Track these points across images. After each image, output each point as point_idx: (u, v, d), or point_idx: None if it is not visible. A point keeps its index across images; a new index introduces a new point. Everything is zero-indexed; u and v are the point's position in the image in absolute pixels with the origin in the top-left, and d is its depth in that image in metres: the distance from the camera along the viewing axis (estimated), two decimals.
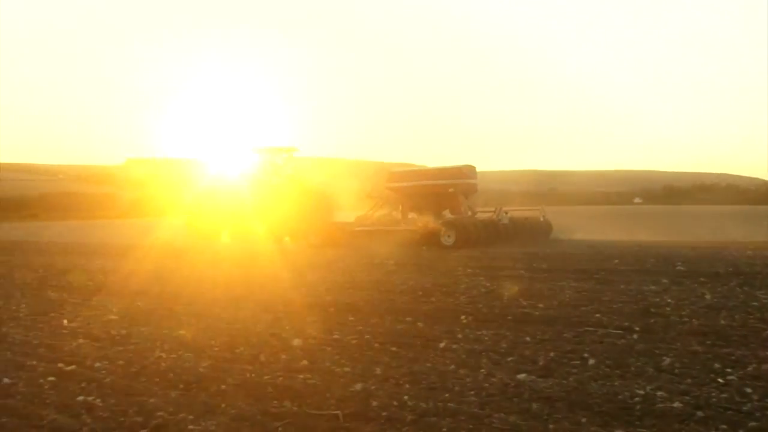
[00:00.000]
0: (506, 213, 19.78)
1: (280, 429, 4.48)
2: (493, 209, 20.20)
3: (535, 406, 4.72)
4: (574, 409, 4.63)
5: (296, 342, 6.93)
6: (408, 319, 7.99)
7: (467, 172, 20.66)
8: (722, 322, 7.21)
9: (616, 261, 12.90)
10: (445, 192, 19.94)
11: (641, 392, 4.92)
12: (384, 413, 4.65)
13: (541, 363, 5.83)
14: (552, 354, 6.12)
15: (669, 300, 8.52)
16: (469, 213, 20.16)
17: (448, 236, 18.06)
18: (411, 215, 20.50)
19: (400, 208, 20.65)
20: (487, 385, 5.25)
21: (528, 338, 6.77)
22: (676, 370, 5.46)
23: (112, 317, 8.83)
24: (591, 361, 5.82)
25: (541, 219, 21.19)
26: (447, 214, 20.06)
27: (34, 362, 6.45)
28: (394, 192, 20.64)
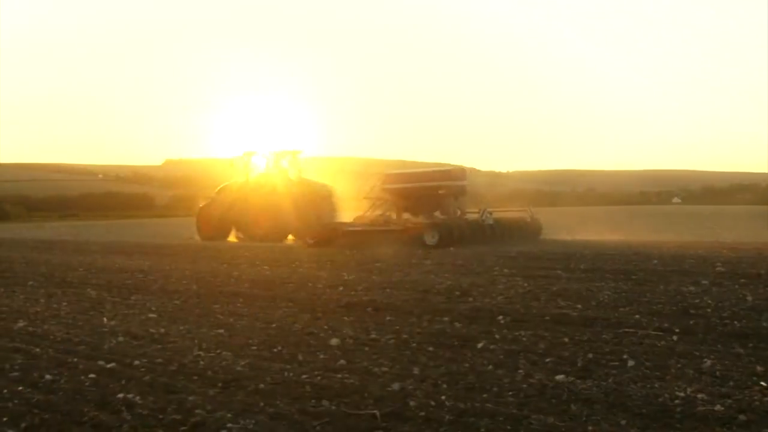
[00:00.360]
0: (490, 214, 19.97)
1: (318, 428, 4.49)
2: (477, 210, 20.33)
3: (573, 407, 4.69)
4: (613, 411, 4.59)
5: (334, 341, 6.96)
6: (445, 319, 7.97)
7: (456, 174, 21.11)
8: (764, 324, 7.06)
9: (655, 261, 12.72)
10: (435, 193, 20.23)
11: (681, 394, 4.85)
12: (422, 413, 4.65)
13: (579, 364, 5.79)
14: (590, 355, 6.07)
15: (709, 301, 8.37)
16: (458, 213, 20.37)
17: (432, 236, 18.29)
18: (405, 216, 20.73)
19: (395, 209, 20.86)
20: (525, 385, 5.22)
21: (566, 339, 6.72)
22: (717, 373, 5.38)
23: (151, 315, 8.96)
24: (630, 363, 5.76)
25: (528, 220, 21.35)
26: (438, 215, 20.30)
27: (75, 359, 6.56)
28: (388, 193, 20.87)
